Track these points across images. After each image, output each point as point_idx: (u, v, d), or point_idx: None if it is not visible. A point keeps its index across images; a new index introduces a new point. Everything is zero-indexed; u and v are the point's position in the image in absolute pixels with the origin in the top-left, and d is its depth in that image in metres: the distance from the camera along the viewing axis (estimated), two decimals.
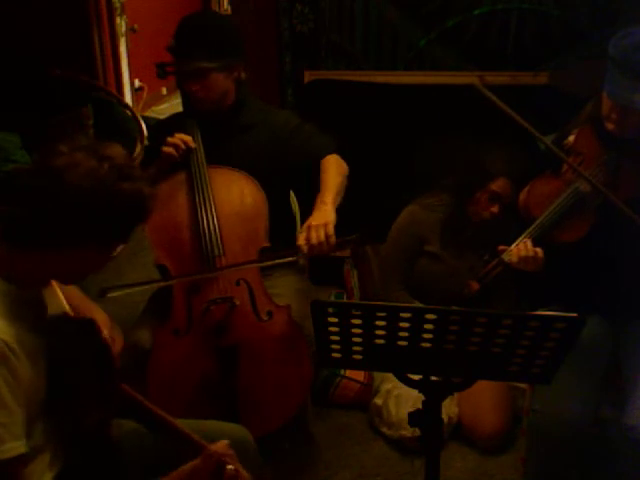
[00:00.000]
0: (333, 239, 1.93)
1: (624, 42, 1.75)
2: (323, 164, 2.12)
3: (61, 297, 1.47)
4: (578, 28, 2.74)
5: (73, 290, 1.57)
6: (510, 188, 2.33)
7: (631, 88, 1.72)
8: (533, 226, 1.94)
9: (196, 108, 2.20)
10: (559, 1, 2.75)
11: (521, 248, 1.92)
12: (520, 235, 1.95)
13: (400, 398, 2.36)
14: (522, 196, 2.06)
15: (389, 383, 2.42)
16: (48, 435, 1.35)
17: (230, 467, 1.32)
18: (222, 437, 1.55)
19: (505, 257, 1.94)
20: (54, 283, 1.46)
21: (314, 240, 1.92)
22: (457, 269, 2.43)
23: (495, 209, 2.36)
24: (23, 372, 1.23)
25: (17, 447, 1.21)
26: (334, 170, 2.12)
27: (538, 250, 1.91)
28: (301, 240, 1.94)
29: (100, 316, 1.58)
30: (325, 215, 1.97)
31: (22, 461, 1.23)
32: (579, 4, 2.72)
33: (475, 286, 2.03)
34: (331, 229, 1.93)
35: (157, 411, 1.48)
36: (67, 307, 1.47)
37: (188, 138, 2.14)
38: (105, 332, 1.47)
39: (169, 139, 2.14)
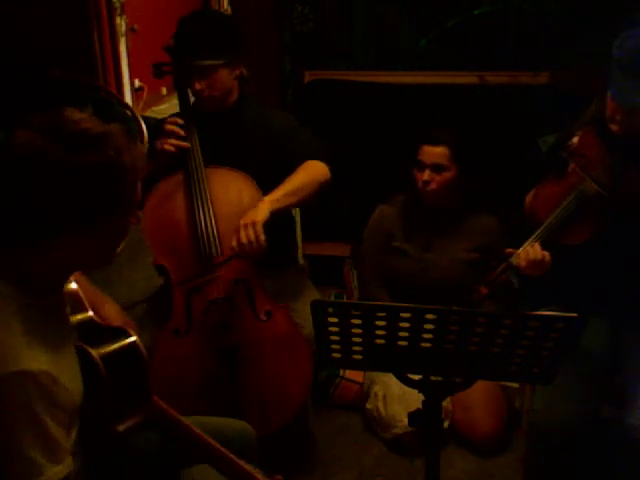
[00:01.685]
0: (262, 237, 1.95)
1: (628, 44, 1.75)
2: (299, 167, 2.12)
3: (79, 291, 1.44)
4: (578, 28, 2.74)
5: (83, 281, 1.54)
6: (434, 152, 2.34)
7: (636, 89, 1.72)
8: (540, 229, 1.93)
9: (201, 108, 2.20)
10: (559, 1, 2.75)
11: (529, 252, 1.91)
12: (527, 239, 1.95)
13: (387, 397, 2.37)
14: (528, 199, 2.06)
15: (376, 386, 2.43)
16: (79, 442, 1.33)
17: None
18: (226, 433, 1.54)
19: (513, 261, 1.93)
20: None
21: (244, 239, 1.94)
22: (427, 262, 2.43)
23: (425, 176, 2.35)
24: (64, 395, 1.19)
25: (60, 471, 1.18)
26: (303, 173, 2.11)
27: (546, 254, 1.91)
28: (234, 241, 1.96)
29: (112, 307, 1.57)
30: (255, 213, 1.98)
31: None
32: (579, 4, 2.72)
33: (484, 291, 2.02)
34: (259, 228, 1.94)
35: (197, 432, 1.44)
36: (85, 302, 1.43)
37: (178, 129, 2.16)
38: (132, 333, 1.42)
39: (165, 126, 2.16)
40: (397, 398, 2.31)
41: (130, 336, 1.38)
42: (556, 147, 2.03)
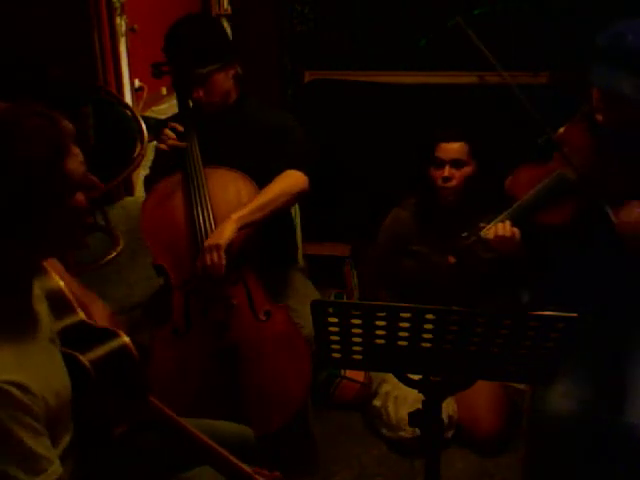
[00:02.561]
0: (223, 262, 1.96)
1: (609, 32, 1.78)
2: (276, 178, 2.12)
3: (65, 290, 1.42)
4: (578, 28, 2.74)
5: (71, 281, 1.52)
6: (453, 147, 2.34)
7: (616, 75, 1.74)
8: (514, 207, 1.97)
9: (204, 112, 2.21)
10: (559, 1, 2.75)
11: (499, 227, 1.94)
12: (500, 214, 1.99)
13: (399, 400, 2.36)
14: (508, 181, 2.08)
15: (388, 385, 2.42)
16: (73, 444, 1.31)
17: None
18: (224, 435, 1.54)
19: (482, 233, 1.96)
20: (55, 278, 1.42)
21: (208, 262, 1.96)
22: (441, 266, 2.42)
23: (445, 172, 2.34)
24: (36, 403, 1.15)
25: None
26: (276, 185, 2.11)
27: (515, 231, 1.94)
28: (199, 262, 1.97)
29: (99, 307, 1.55)
30: (219, 235, 1.98)
31: None
32: (579, 4, 2.72)
33: (451, 260, 2.04)
34: (222, 253, 1.96)
35: (194, 433, 1.44)
36: (74, 302, 1.42)
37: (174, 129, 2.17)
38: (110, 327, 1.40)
39: (161, 136, 2.17)
40: (411, 402, 2.28)
41: (120, 337, 1.36)
42: (548, 140, 2.06)
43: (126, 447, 1.45)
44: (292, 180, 2.13)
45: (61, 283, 1.42)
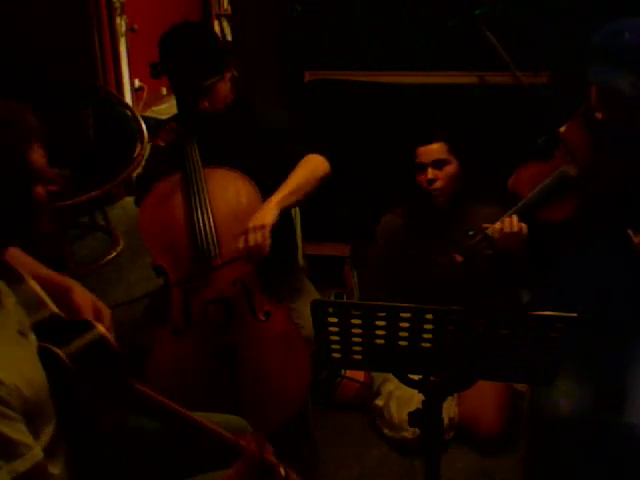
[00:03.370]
0: (269, 242, 1.97)
1: (606, 30, 1.79)
2: (299, 162, 2.14)
3: (34, 285, 1.41)
4: (578, 28, 2.74)
5: (44, 270, 1.52)
6: (431, 149, 2.35)
7: (614, 73, 1.75)
8: (519, 204, 1.99)
9: (207, 116, 2.21)
10: (559, 1, 2.75)
11: (506, 223, 1.96)
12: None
13: (402, 399, 2.36)
14: (511, 179, 2.09)
15: (391, 384, 2.42)
16: (60, 437, 1.32)
17: (282, 471, 1.34)
18: (220, 427, 1.54)
19: (489, 231, 1.98)
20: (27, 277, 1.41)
21: (251, 242, 1.96)
22: (448, 266, 2.41)
23: (429, 174, 2.34)
24: (10, 392, 1.16)
25: (20, 464, 1.16)
26: (302, 169, 2.13)
27: (523, 226, 1.96)
28: (241, 243, 1.97)
29: (79, 291, 1.51)
30: (263, 216, 1.99)
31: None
32: (579, 4, 2.72)
33: (458, 258, 2.05)
34: (267, 233, 1.97)
35: (177, 408, 1.41)
36: (45, 297, 1.41)
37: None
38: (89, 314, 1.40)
39: (159, 133, 2.19)
40: (414, 402, 2.28)
41: (95, 328, 1.36)
42: (548, 140, 2.07)
43: (129, 453, 1.46)
44: (315, 163, 2.16)
45: (37, 288, 1.41)
